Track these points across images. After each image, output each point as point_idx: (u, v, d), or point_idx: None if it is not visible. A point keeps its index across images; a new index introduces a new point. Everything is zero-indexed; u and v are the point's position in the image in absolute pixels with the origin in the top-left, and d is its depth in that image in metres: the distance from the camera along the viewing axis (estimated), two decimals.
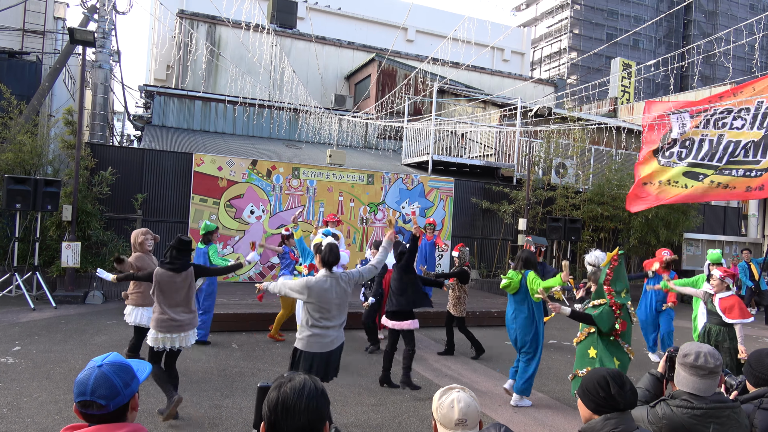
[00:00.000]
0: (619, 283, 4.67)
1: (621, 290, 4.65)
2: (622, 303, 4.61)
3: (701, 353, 2.46)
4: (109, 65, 12.64)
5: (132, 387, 1.81)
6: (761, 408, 2.67)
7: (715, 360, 2.45)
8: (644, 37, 56.52)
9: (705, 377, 2.44)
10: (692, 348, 2.50)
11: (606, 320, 4.57)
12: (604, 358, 4.66)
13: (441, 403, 2.10)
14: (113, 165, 11.14)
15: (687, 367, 2.47)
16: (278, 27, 21.03)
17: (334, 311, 4.35)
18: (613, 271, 4.69)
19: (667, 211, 14.22)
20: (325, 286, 4.31)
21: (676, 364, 2.57)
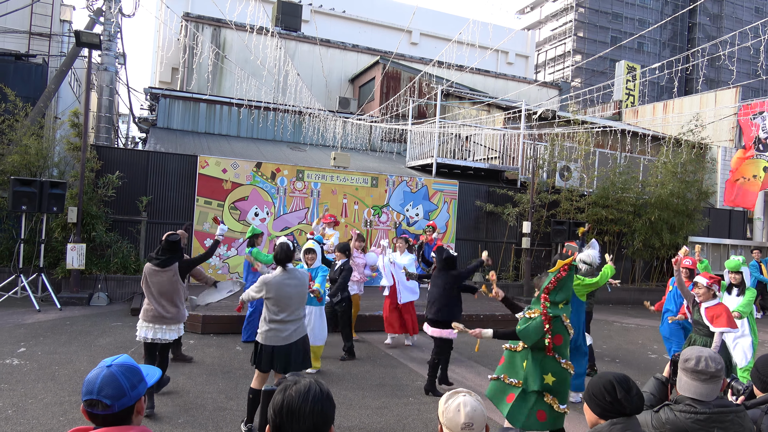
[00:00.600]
0: (560, 293, 4.22)
1: (561, 301, 4.21)
2: (555, 315, 4.15)
3: (702, 358, 2.45)
4: (115, 68, 12.69)
5: (139, 389, 1.82)
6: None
7: (716, 364, 2.44)
8: (649, 40, 56.42)
9: (706, 382, 2.43)
10: (693, 353, 2.49)
11: (532, 335, 4.13)
12: (531, 374, 4.15)
13: (447, 407, 2.10)
14: (118, 167, 11.18)
15: (688, 372, 2.46)
16: (283, 30, 21.10)
17: (292, 306, 4.60)
18: (559, 281, 4.23)
19: (671, 214, 14.18)
20: (282, 282, 4.58)
21: (678, 369, 2.56)
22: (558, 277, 4.22)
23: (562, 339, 4.17)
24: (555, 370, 4.15)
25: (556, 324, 4.15)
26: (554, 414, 4.13)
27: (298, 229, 12.36)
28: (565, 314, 4.22)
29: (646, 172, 15.77)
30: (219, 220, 6.27)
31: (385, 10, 29.25)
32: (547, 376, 4.12)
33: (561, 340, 4.17)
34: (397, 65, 20.45)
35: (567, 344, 4.23)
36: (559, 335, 4.15)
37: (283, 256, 4.67)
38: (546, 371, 4.13)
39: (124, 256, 10.83)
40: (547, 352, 4.11)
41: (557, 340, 4.14)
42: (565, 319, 4.21)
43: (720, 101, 19.54)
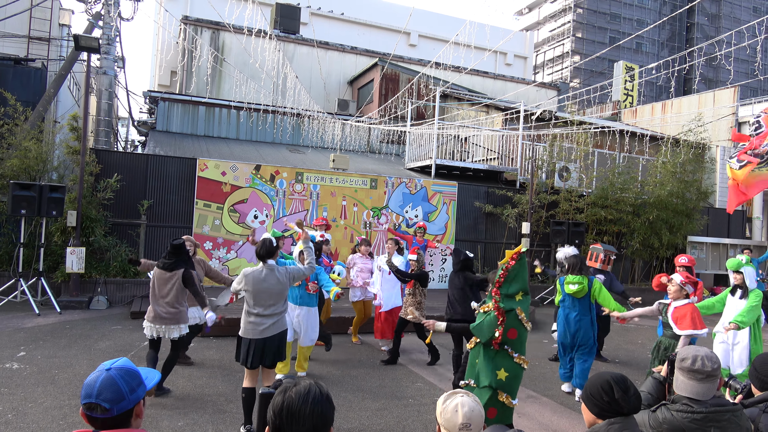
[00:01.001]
0: (514, 285, 4.07)
1: (515, 293, 4.05)
2: (509, 308, 4.01)
3: (698, 357, 2.45)
4: (114, 71, 12.71)
5: (138, 393, 1.83)
6: (766, 412, 2.66)
7: (712, 364, 2.45)
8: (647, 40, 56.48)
9: (703, 381, 2.43)
10: (690, 352, 2.50)
11: (485, 330, 4.00)
12: (483, 369, 4.06)
13: (445, 408, 2.11)
14: (117, 171, 11.18)
15: (685, 371, 2.47)
16: (281, 32, 21.12)
17: (269, 301, 4.75)
18: (510, 272, 4.08)
19: (670, 214, 14.20)
20: (261, 277, 4.75)
21: (675, 368, 2.57)
22: (507, 268, 4.08)
23: (516, 333, 4.04)
24: (508, 365, 4.03)
25: (510, 318, 4.01)
26: (504, 410, 4.04)
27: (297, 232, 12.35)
28: (521, 308, 4.06)
29: (645, 172, 15.79)
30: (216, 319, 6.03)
31: (384, 12, 29.29)
32: (500, 372, 4.01)
33: (515, 334, 4.03)
34: (396, 67, 20.47)
35: (522, 339, 4.10)
36: (514, 329, 4.02)
37: (264, 251, 4.82)
38: (498, 367, 4.02)
39: (123, 259, 10.83)
40: (494, 346, 3.99)
41: (511, 334, 4.01)
42: (520, 313, 4.05)
43: (718, 101, 19.57)
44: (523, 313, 4.07)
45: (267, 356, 4.78)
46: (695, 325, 4.96)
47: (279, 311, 4.87)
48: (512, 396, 4.07)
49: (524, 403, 6.06)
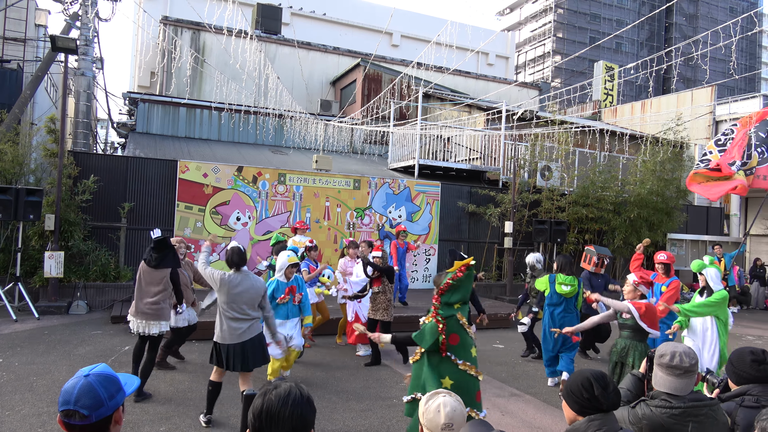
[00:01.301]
0: (456, 295, 4.02)
1: (456, 302, 4.02)
2: (448, 315, 3.96)
3: (677, 353, 2.49)
4: (92, 72, 12.54)
5: (117, 399, 1.79)
6: (743, 406, 2.70)
7: (690, 359, 2.48)
8: (626, 40, 57.21)
9: (681, 377, 2.47)
10: (668, 348, 2.53)
11: (427, 337, 3.95)
12: (428, 379, 3.97)
13: (427, 408, 2.11)
14: (97, 173, 11.02)
15: (663, 367, 2.50)
16: (263, 33, 21.01)
17: (243, 306, 4.87)
18: (455, 282, 4.03)
19: (650, 212, 14.39)
20: (235, 282, 4.87)
21: (654, 364, 2.60)
22: (454, 278, 4.04)
23: (458, 338, 3.96)
24: (452, 372, 3.94)
25: (451, 323, 3.96)
26: None
27: (280, 232, 12.30)
28: (461, 313, 4.02)
29: (626, 170, 15.98)
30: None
31: (365, 12, 29.29)
32: (445, 380, 3.91)
33: (457, 340, 3.96)
34: (378, 67, 20.47)
35: (465, 345, 4.00)
36: (455, 335, 3.96)
37: (237, 259, 4.96)
38: (443, 374, 3.92)
39: (103, 263, 10.68)
40: (441, 353, 3.91)
41: (453, 340, 3.94)
42: (461, 318, 4.01)
43: (696, 100, 19.88)
44: (464, 318, 4.03)
45: (248, 360, 4.85)
46: (650, 324, 4.93)
47: (253, 316, 4.97)
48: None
49: (508, 401, 6.09)
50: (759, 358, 2.81)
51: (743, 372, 2.82)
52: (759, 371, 2.78)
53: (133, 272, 11.11)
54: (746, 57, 61.57)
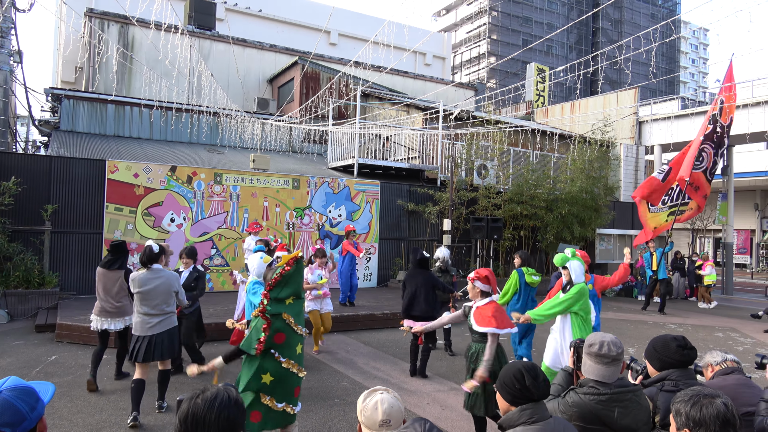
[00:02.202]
0: (286, 289, 3.98)
1: (287, 297, 3.98)
2: (275, 312, 3.92)
3: (605, 343, 2.64)
4: (9, 66, 11.80)
5: (38, 410, 1.71)
6: (663, 390, 2.88)
7: (617, 348, 2.64)
8: (557, 43, 59.45)
9: (609, 365, 2.62)
10: (596, 338, 2.68)
11: (253, 343, 3.87)
12: (244, 374, 3.92)
13: (365, 406, 2.13)
14: (17, 173, 10.38)
15: (592, 356, 2.64)
16: (196, 28, 20.41)
17: (155, 301, 5.21)
18: (284, 276, 3.99)
19: (580, 209, 15.02)
20: (145, 279, 5.21)
21: (583, 354, 2.74)
22: (282, 272, 4.00)
23: (284, 337, 3.93)
24: (274, 369, 3.90)
25: (277, 322, 3.92)
26: (271, 413, 3.90)
27: (217, 234, 12.02)
28: (289, 312, 3.98)
29: (557, 169, 16.62)
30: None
31: (303, 10, 29.00)
32: (265, 376, 3.88)
33: (283, 339, 3.92)
34: (316, 66, 20.34)
35: (291, 344, 3.97)
36: (281, 334, 3.92)
37: (145, 258, 5.28)
38: (264, 370, 3.88)
39: (27, 269, 10.07)
40: (257, 352, 3.85)
41: (278, 339, 3.90)
42: (288, 318, 3.96)
43: (621, 101, 20.91)
44: (291, 318, 3.99)
45: (156, 351, 5.20)
46: (498, 323, 4.54)
47: (166, 311, 5.31)
48: (279, 400, 3.92)
49: (447, 395, 6.22)
50: (682, 344, 3.01)
51: (667, 357, 3.01)
52: (683, 356, 2.98)
53: (60, 278, 10.58)
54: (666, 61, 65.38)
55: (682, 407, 2.11)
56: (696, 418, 2.05)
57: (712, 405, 2.04)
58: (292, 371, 3.94)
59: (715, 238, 32.78)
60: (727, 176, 19.17)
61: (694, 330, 11.10)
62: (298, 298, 4.07)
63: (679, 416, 2.10)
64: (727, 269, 19.20)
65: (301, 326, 4.06)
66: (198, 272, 6.88)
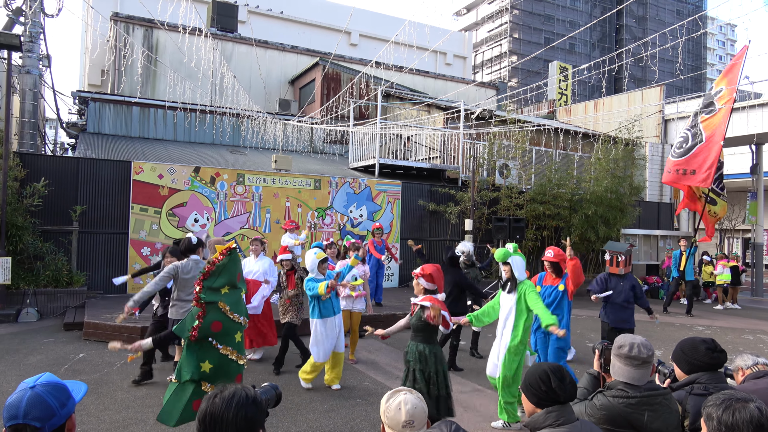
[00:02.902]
0: (220, 279, 4.13)
1: (221, 286, 4.12)
2: (210, 301, 4.06)
3: (635, 344, 2.58)
4: (39, 70, 12.06)
5: (68, 407, 1.74)
6: (692, 393, 2.82)
7: (647, 350, 2.59)
8: (579, 41, 58.75)
9: (639, 367, 2.56)
10: (627, 340, 2.62)
11: (188, 327, 3.99)
12: (185, 364, 4.00)
13: (388, 406, 2.12)
14: (46, 175, 10.61)
15: (622, 357, 2.59)
16: (219, 31, 20.64)
17: (190, 289, 5.37)
18: (217, 266, 4.14)
19: (605, 209, 14.80)
20: (187, 268, 5.54)
21: (612, 355, 2.68)
22: (214, 262, 4.15)
23: (221, 325, 4.05)
24: (213, 357, 4.01)
25: (213, 310, 4.05)
26: None
27: (240, 234, 12.13)
28: (224, 301, 4.11)
29: (581, 168, 16.40)
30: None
31: (324, 11, 29.15)
32: (204, 364, 3.99)
33: (219, 327, 4.05)
34: (337, 66, 20.40)
35: (229, 331, 4.09)
36: (218, 322, 4.05)
37: (184, 248, 5.62)
38: (203, 359, 4.00)
39: (57, 268, 10.29)
40: (191, 338, 3.98)
41: (215, 327, 4.03)
42: (224, 306, 4.09)
43: (646, 99, 20.56)
44: (227, 307, 4.11)
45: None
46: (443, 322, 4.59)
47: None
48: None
49: (470, 397, 6.17)
50: (711, 347, 2.94)
51: (696, 360, 2.94)
52: (712, 359, 2.91)
53: (87, 277, 10.77)
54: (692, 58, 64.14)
55: (713, 411, 2.05)
56: (729, 422, 1.99)
57: (746, 409, 1.98)
58: (231, 358, 4.06)
59: (744, 238, 32.03)
60: (757, 175, 18.70)
61: (722, 332, 10.85)
62: (234, 287, 4.23)
63: (711, 421, 2.05)
64: (757, 270, 18.73)
65: (239, 315, 4.18)
66: None
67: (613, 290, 6.63)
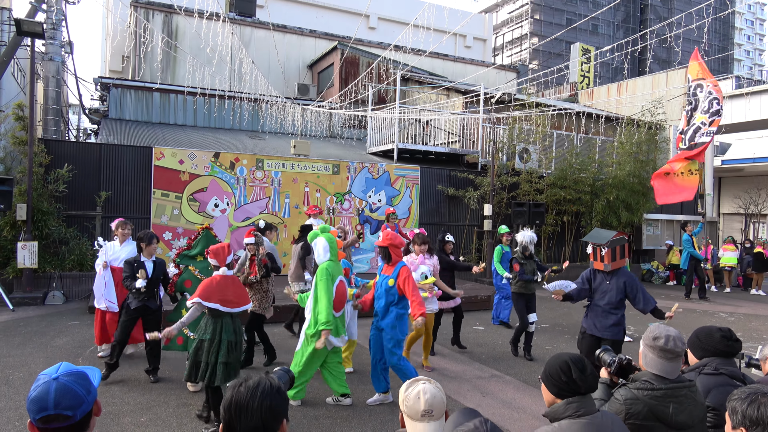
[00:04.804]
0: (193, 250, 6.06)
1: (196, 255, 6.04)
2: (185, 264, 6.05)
3: (671, 337, 2.53)
4: (61, 57, 12.20)
5: (93, 393, 1.77)
6: (702, 373, 2.82)
7: (682, 345, 2.56)
8: (603, 21, 57.52)
9: (672, 360, 2.53)
10: (661, 332, 2.56)
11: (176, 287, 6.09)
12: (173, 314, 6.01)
13: (407, 395, 2.12)
14: (69, 161, 10.78)
15: (657, 349, 2.54)
16: (237, 15, 20.62)
17: None
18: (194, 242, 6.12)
19: (628, 193, 14.58)
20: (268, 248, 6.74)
21: (643, 345, 2.63)
22: (193, 238, 6.24)
23: (191, 283, 5.89)
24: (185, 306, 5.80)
25: (186, 272, 6.00)
26: (189, 340, 5.74)
27: (259, 218, 12.20)
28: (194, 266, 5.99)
29: (602, 152, 16.15)
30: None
31: None
32: (183, 311, 5.71)
33: (190, 284, 5.89)
34: (356, 50, 20.28)
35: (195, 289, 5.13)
36: (189, 281, 5.94)
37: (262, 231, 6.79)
38: (181, 308, 5.96)
39: (81, 252, 10.49)
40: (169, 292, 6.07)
41: (187, 284, 5.93)
42: (194, 270, 5.97)
43: (671, 81, 20.10)
44: (197, 270, 5.95)
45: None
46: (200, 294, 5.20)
47: None
48: (190, 329, 5.65)
49: (488, 383, 6.18)
50: (727, 335, 2.94)
51: (710, 347, 2.94)
52: (727, 346, 2.90)
53: None
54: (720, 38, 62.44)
55: (738, 405, 2.01)
56: (753, 416, 1.95)
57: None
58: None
59: None
60: None
61: (746, 319, 10.68)
62: (205, 258, 5.92)
63: (735, 414, 2.01)
64: None
65: (205, 276, 5.49)
66: (161, 261, 6.08)
67: (596, 291, 5.38)
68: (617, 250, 5.27)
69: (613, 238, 5.25)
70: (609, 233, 5.39)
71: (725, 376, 2.81)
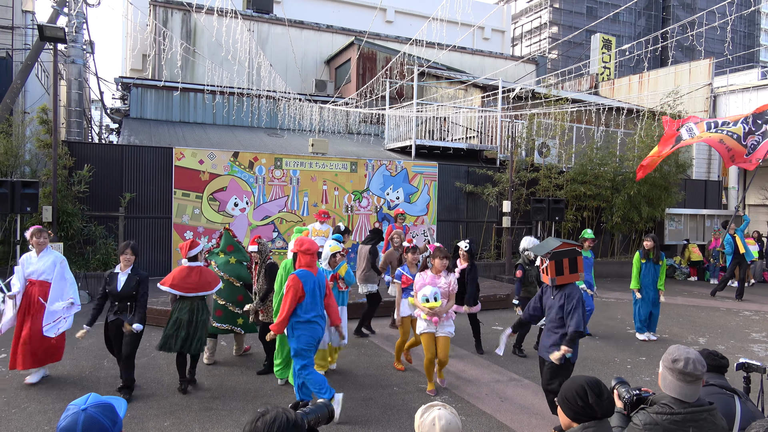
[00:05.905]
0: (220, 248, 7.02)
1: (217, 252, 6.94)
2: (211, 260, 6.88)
3: (690, 360, 2.44)
4: (83, 60, 12.38)
5: (118, 424, 1.83)
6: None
7: (702, 367, 2.46)
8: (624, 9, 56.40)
9: (692, 383, 2.44)
10: (681, 354, 2.48)
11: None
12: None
13: (423, 421, 2.14)
14: (92, 162, 10.98)
15: (675, 372, 2.45)
16: (254, 12, 20.69)
17: None
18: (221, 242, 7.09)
19: (649, 188, 14.37)
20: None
21: (662, 367, 2.56)
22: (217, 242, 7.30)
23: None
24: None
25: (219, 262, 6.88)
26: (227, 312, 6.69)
27: (278, 217, 12.31)
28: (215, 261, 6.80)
29: (623, 146, 15.91)
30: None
31: None
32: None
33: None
34: (373, 45, 20.23)
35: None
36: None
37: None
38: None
39: (106, 252, 10.70)
40: None
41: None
42: (214, 265, 6.72)
43: (694, 73, 19.69)
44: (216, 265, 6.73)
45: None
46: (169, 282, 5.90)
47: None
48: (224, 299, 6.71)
49: (506, 387, 6.18)
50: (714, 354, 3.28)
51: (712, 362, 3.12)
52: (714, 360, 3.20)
53: None
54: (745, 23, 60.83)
55: None
56: None
57: None
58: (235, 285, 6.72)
59: None
60: None
61: None
62: (226, 254, 6.83)
63: None
64: None
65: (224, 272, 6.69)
66: (139, 275, 5.69)
67: (545, 308, 4.98)
68: (564, 263, 4.72)
69: (555, 250, 4.74)
70: (554, 243, 4.86)
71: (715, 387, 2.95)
